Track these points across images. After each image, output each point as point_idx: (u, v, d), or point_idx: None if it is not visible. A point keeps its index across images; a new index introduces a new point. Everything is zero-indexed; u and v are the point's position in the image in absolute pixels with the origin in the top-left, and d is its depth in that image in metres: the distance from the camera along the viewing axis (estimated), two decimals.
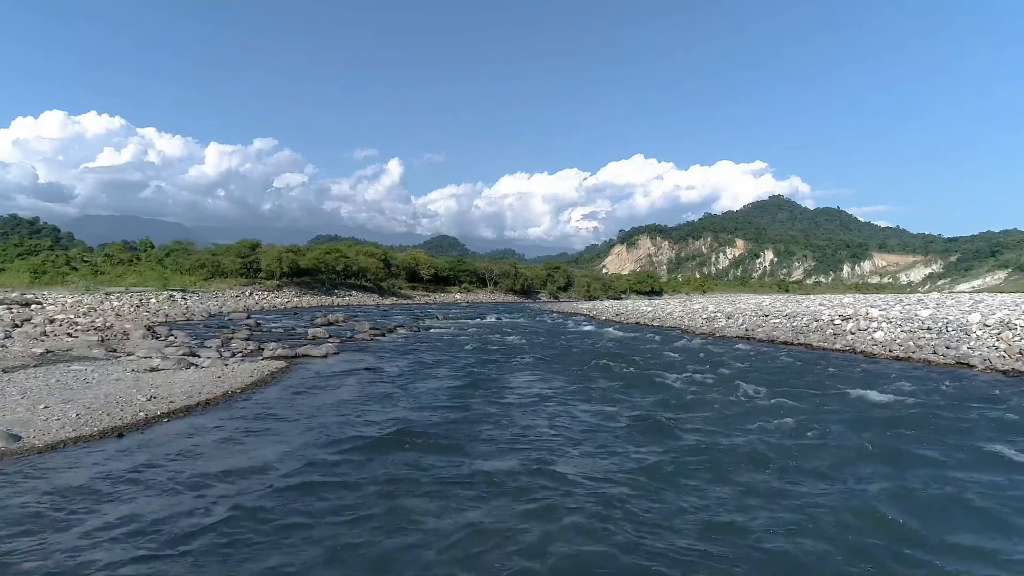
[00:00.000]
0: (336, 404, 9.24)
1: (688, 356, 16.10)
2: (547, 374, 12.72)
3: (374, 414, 8.60)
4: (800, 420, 8.07)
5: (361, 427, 7.79)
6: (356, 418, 8.34)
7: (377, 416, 8.46)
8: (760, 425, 7.87)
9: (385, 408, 9.05)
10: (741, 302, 36.15)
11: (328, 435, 7.33)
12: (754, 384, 10.80)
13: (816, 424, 7.85)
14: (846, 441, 7.09)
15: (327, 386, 10.78)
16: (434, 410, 8.87)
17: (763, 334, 21.37)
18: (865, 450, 6.67)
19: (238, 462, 6.14)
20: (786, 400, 9.45)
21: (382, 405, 9.26)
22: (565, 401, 9.75)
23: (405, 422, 7.95)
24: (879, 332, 16.65)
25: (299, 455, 6.43)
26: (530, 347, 18.27)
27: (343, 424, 7.97)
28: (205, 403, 8.53)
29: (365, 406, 9.14)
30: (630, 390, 10.78)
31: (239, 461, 6.17)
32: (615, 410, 9.05)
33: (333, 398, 9.70)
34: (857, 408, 9.07)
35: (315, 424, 7.90)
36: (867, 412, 8.75)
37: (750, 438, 7.25)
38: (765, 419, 8.19)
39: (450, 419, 8.23)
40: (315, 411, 8.70)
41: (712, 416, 8.56)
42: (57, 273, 54.23)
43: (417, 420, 8.16)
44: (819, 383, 11.30)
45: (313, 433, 7.44)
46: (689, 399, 9.78)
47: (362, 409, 8.91)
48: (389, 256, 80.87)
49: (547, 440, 7.28)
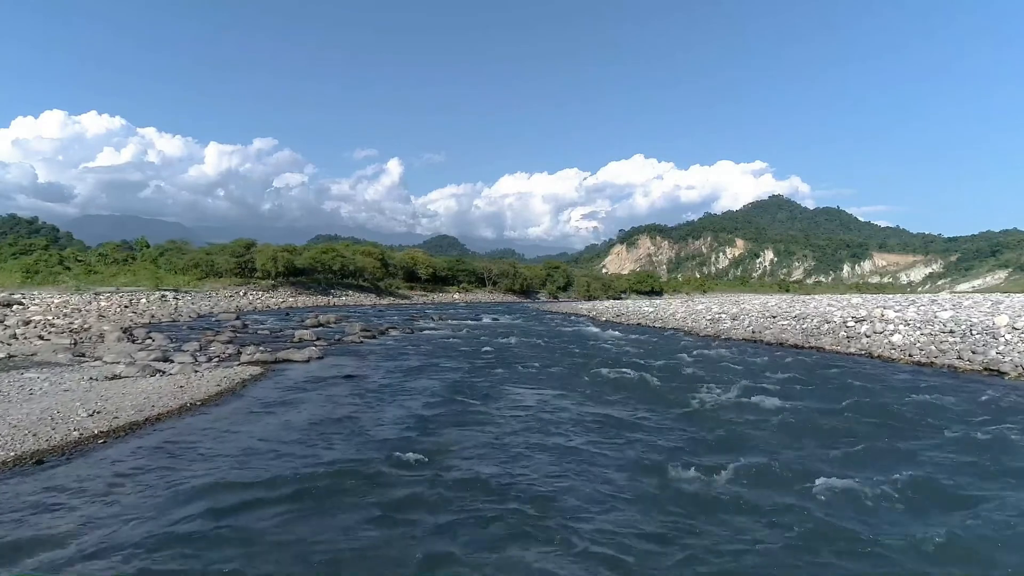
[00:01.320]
0: (291, 426, 7.83)
1: (697, 363, 15.13)
2: (543, 388, 11.04)
3: (329, 440, 7.21)
4: (869, 471, 6.09)
5: (301, 460, 6.37)
6: (303, 448, 6.83)
7: (330, 444, 7.04)
8: (822, 480, 5.71)
9: (345, 432, 7.62)
10: (745, 302, 35.20)
11: (253, 473, 5.93)
12: (780, 399, 9.50)
13: (894, 475, 5.94)
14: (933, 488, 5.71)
15: (295, 400, 9.63)
16: (402, 438, 7.27)
17: (771, 336, 20.43)
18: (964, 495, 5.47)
19: (118, 510, 4.93)
20: (836, 440, 7.42)
21: (344, 428, 7.85)
22: (565, 429, 7.88)
23: (355, 456, 6.56)
24: (897, 335, 15.70)
25: (194, 502, 5.13)
26: (526, 352, 17.27)
27: (281, 456, 6.54)
28: (156, 418, 7.56)
29: (324, 428, 7.75)
30: (644, 412, 8.88)
31: (121, 509, 4.97)
32: (631, 453, 6.86)
33: (293, 416, 8.37)
34: (912, 428, 7.85)
35: (249, 454, 6.58)
36: (927, 435, 7.54)
37: (813, 505, 5.29)
38: (819, 459, 6.48)
39: (417, 450, 6.58)
40: (263, 434, 7.36)
41: (755, 466, 6.17)
42: (50, 273, 53.34)
43: (370, 456, 6.46)
44: (862, 406, 9.15)
45: (233, 472, 5.98)
46: (716, 435, 7.62)
47: (318, 434, 7.49)
48: (387, 256, 79.92)
49: (538, 499, 5.31)
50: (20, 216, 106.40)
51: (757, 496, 5.38)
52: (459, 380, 11.77)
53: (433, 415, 8.60)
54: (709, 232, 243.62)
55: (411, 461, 6.25)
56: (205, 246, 72.79)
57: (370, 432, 7.64)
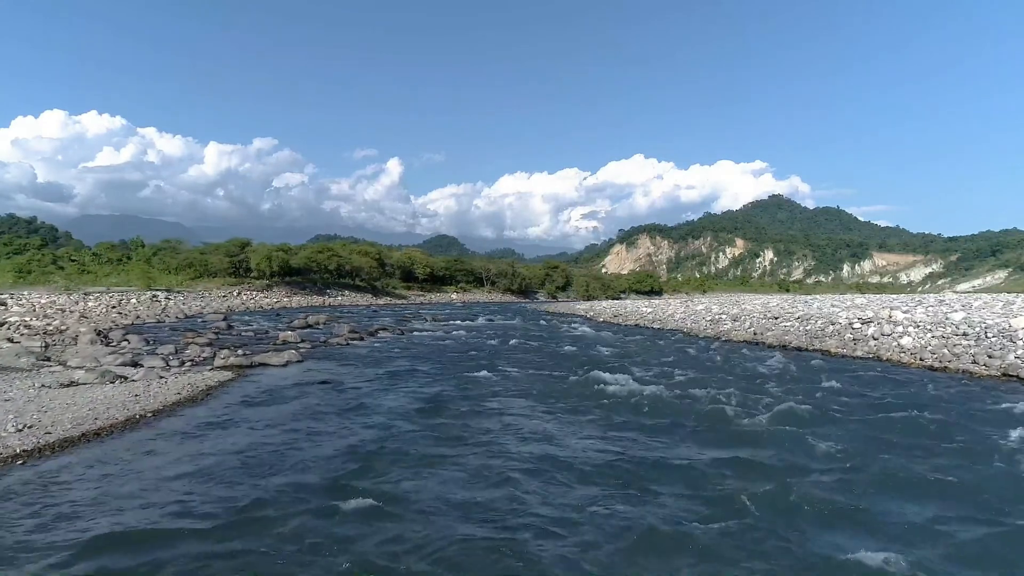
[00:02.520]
0: (231, 450, 6.76)
1: (699, 369, 14.38)
2: (530, 404, 9.61)
3: (263, 473, 6.12)
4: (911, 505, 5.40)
5: (211, 503, 5.29)
6: (222, 488, 5.69)
7: (260, 480, 5.91)
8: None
9: (287, 463, 6.45)
10: (745, 303, 34.43)
11: (144, 519, 4.95)
12: (796, 415, 8.45)
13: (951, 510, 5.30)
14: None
15: (252, 414, 8.59)
16: (347, 475, 6.04)
17: (773, 338, 19.67)
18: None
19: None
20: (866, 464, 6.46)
21: (289, 457, 6.65)
22: (551, 476, 6.25)
23: (278, 499, 5.39)
24: (906, 338, 14.94)
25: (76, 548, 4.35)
26: (517, 356, 16.47)
27: (189, 497, 5.43)
28: (95, 434, 6.80)
29: (267, 455, 6.67)
30: (643, 438, 7.59)
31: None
32: (643, 517, 5.25)
33: (239, 439, 7.26)
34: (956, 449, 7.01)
35: (179, 480, 5.74)
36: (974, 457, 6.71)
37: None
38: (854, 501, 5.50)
39: (360, 494, 5.43)
40: (192, 462, 6.34)
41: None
42: (42, 273, 52.70)
43: (294, 507, 5.21)
44: (898, 423, 8.12)
45: (123, 517, 4.98)
46: (725, 485, 5.99)
47: (257, 463, 6.40)
48: (384, 255, 79.15)
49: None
50: (19, 216, 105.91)
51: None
52: (438, 393, 10.49)
53: (397, 444, 7.13)
54: (709, 232, 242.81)
55: (347, 511, 5.05)
56: (200, 245, 72.03)
57: (316, 466, 6.40)
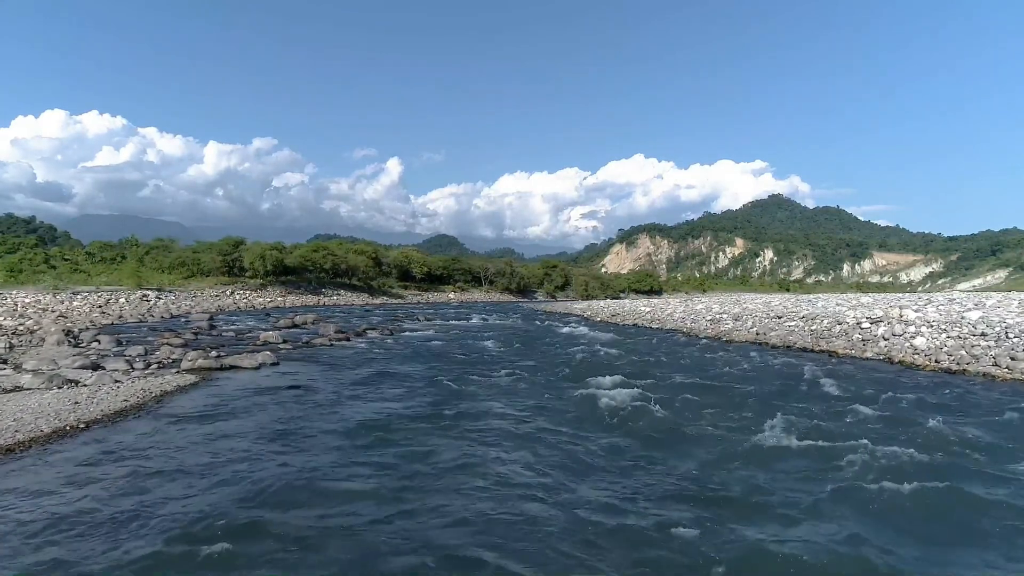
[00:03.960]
0: (152, 475, 5.68)
1: (699, 373, 13.54)
2: (516, 413, 8.65)
3: (177, 503, 5.12)
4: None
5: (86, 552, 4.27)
6: (114, 530, 4.63)
7: (169, 520, 4.81)
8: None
9: (206, 501, 5.20)
10: (747, 302, 33.57)
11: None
12: (812, 428, 7.42)
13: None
14: None
15: (184, 433, 7.28)
16: (303, 491, 5.28)
17: (777, 338, 18.83)
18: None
19: None
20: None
21: (217, 489, 5.47)
22: (535, 512, 5.22)
23: (199, 524, 4.60)
24: (919, 338, 14.09)
25: None
26: (508, 357, 15.61)
27: (75, 541, 4.46)
28: (8, 449, 5.95)
29: (195, 480, 5.63)
30: (641, 462, 6.53)
31: None
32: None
33: (159, 457, 6.23)
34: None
35: (32, 533, 4.57)
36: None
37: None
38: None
39: (301, 511, 4.73)
40: (96, 489, 5.31)
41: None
42: (33, 272, 51.86)
43: (222, 521, 4.54)
44: (930, 438, 7.14)
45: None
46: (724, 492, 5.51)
47: (186, 484, 5.43)
48: (380, 254, 78.28)
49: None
50: (17, 216, 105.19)
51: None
52: (417, 403, 9.35)
53: (357, 469, 5.99)
54: (709, 231, 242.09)
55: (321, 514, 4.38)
56: (193, 244, 71.15)
57: (297, 459, 6.03)
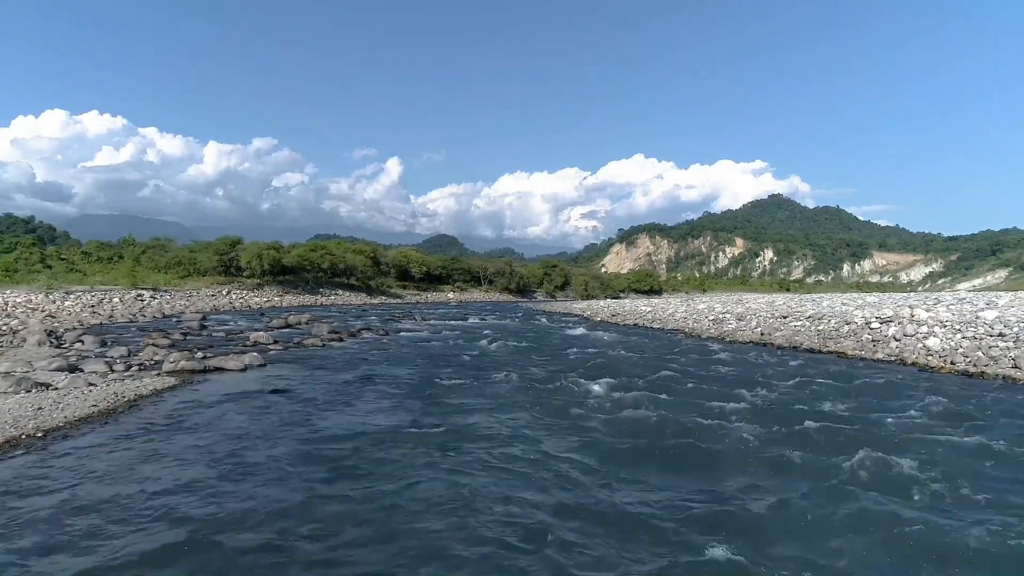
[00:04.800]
0: (81, 506, 4.94)
1: (702, 369, 13.00)
2: (508, 421, 7.93)
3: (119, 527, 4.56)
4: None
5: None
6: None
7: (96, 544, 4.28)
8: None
9: (144, 522, 4.69)
10: (750, 301, 33.06)
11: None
12: (831, 439, 6.89)
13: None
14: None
15: (153, 445, 6.59)
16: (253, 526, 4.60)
17: (782, 339, 18.32)
18: None
19: None
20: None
21: (157, 509, 4.90)
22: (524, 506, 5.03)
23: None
24: (933, 339, 13.56)
25: None
26: (503, 359, 15.04)
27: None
28: None
29: (117, 508, 4.90)
30: (650, 479, 5.86)
31: None
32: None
33: (111, 479, 5.51)
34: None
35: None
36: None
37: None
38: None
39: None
40: (25, 516, 4.71)
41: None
42: (29, 271, 51.32)
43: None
44: (958, 450, 6.61)
45: None
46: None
47: (96, 522, 4.64)
48: (379, 254, 77.76)
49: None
50: (17, 215, 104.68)
51: None
52: (402, 413, 8.44)
53: (314, 508, 5.06)
54: (709, 231, 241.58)
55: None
56: (190, 244, 70.57)
57: (264, 479, 5.44)
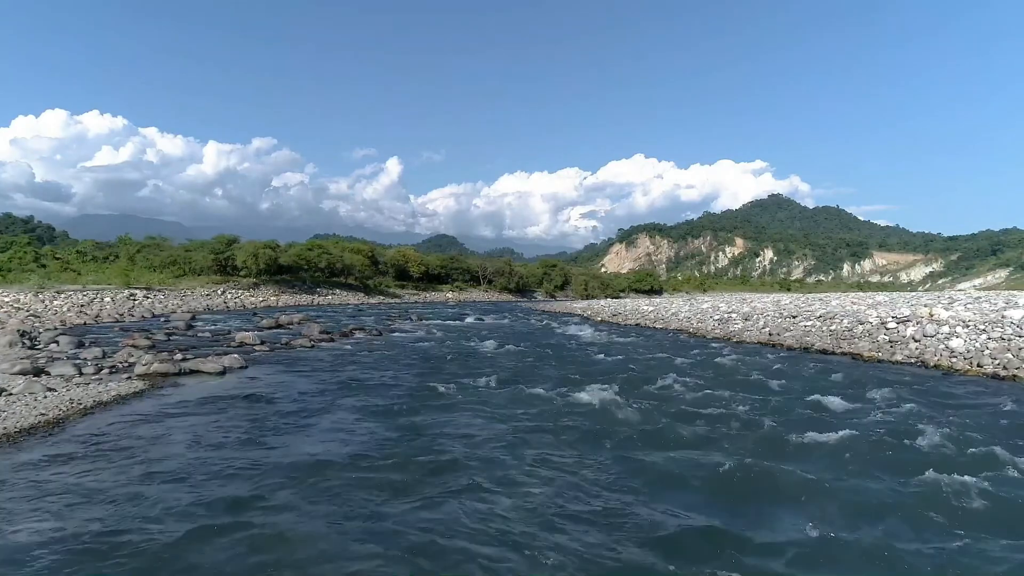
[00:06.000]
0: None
1: (711, 371, 12.23)
2: (507, 428, 7.27)
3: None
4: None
5: None
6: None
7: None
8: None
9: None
10: (755, 301, 32.28)
11: None
12: (871, 452, 6.08)
13: None
14: None
15: (83, 466, 5.69)
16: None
17: (792, 339, 17.54)
18: None
19: None
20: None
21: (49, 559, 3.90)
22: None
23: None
24: (956, 339, 12.79)
25: None
26: (499, 361, 14.24)
27: None
28: None
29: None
30: (643, 485, 5.39)
31: None
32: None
33: (11, 512, 4.61)
34: None
35: None
36: None
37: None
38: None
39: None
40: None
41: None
42: (22, 270, 50.55)
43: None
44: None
45: None
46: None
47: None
48: (377, 253, 77.03)
49: None
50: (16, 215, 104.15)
51: None
52: (384, 427, 7.41)
53: (283, 518, 4.51)
54: (709, 231, 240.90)
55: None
56: (185, 243, 69.77)
57: (206, 500, 4.60)
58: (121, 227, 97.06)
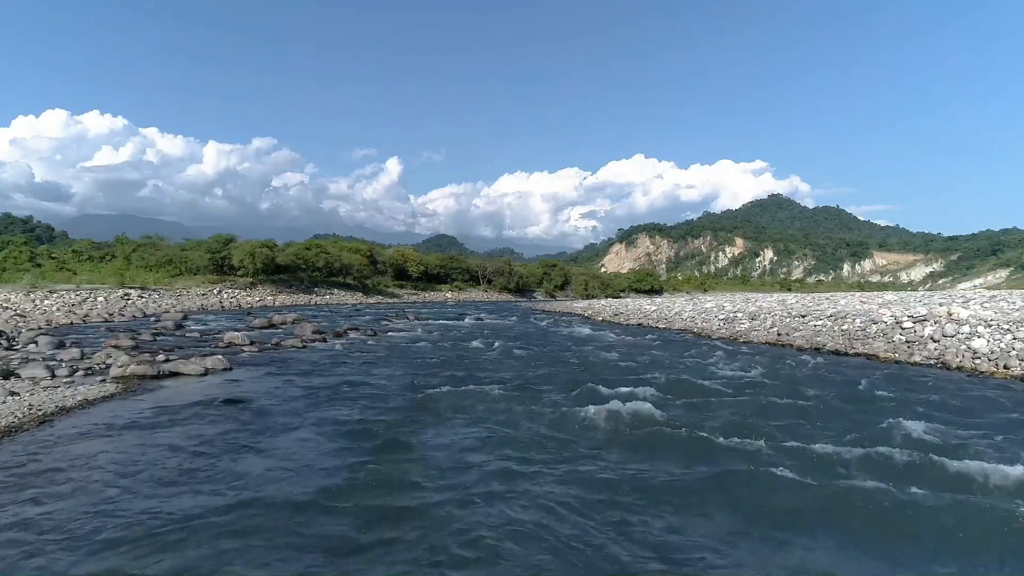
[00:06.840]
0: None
1: (720, 373, 11.60)
2: (503, 438, 6.58)
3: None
4: None
5: None
6: None
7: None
8: None
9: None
10: (760, 300, 31.64)
11: None
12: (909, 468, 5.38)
13: None
14: None
15: (26, 482, 5.00)
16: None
17: (802, 339, 16.92)
18: None
19: None
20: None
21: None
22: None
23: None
24: (978, 340, 12.17)
25: None
26: (501, 361, 13.62)
27: None
28: None
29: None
30: (645, 503, 4.75)
31: None
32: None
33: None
34: None
35: None
36: None
37: None
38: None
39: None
40: None
41: None
42: (17, 270, 49.96)
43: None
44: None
45: None
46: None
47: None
48: (375, 253, 76.41)
49: None
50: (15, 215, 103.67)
51: None
52: (368, 439, 6.60)
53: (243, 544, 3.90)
54: (709, 231, 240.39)
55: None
56: (182, 242, 69.11)
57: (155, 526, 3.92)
58: (121, 227, 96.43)
